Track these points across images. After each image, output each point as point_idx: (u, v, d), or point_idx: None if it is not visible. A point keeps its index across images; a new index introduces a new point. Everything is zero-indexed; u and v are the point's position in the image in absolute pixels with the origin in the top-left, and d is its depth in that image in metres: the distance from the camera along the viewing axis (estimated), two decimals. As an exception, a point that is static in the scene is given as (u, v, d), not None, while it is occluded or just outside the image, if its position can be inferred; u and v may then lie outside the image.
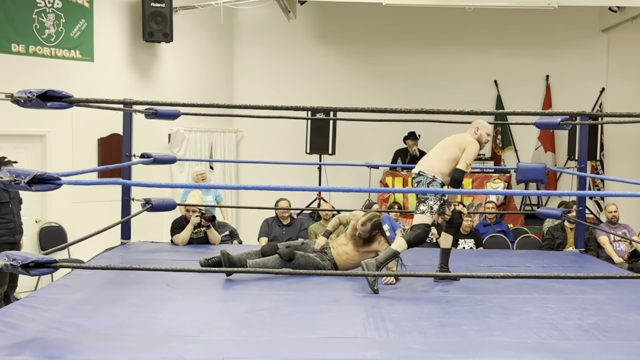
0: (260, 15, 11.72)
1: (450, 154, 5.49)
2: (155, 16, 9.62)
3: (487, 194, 9.92)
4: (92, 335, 3.95)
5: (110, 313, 4.42)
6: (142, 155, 6.72)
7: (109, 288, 5.13)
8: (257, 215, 9.12)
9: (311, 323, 4.30)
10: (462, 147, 5.49)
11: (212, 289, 5.16)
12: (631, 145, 11.81)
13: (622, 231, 8.56)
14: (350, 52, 12.03)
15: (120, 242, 7.06)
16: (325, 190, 4.83)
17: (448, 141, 5.61)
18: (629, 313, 4.65)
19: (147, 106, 6.48)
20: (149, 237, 7.76)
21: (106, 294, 4.96)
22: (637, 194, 4.74)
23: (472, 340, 4.04)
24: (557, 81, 11.93)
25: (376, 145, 11.66)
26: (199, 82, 11.01)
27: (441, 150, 5.61)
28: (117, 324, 4.20)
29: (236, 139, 11.85)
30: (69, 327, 4.06)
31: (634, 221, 10.48)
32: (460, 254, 7.52)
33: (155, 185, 4.38)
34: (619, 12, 10.81)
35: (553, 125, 6.74)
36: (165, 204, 6.95)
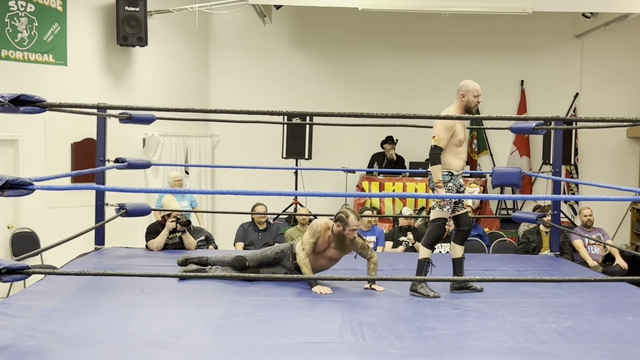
0: (235, 20, 11.68)
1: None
2: (130, 20, 9.55)
3: (463, 198, 9.93)
4: (66, 342, 3.91)
5: (83, 319, 4.37)
6: (116, 160, 6.66)
7: (83, 294, 5.07)
8: (233, 220, 9.07)
9: (288, 328, 4.28)
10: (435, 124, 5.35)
11: (188, 295, 5.12)
12: (605, 150, 11.93)
13: (596, 235, 8.63)
14: (326, 57, 12.03)
15: (94, 247, 7.00)
16: (301, 194, 4.80)
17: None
18: (603, 316, 4.69)
19: (121, 110, 6.42)
20: (124, 242, 7.69)
21: (80, 300, 4.90)
22: (610, 198, 4.77)
23: (448, 344, 4.05)
24: (531, 86, 12.01)
25: (353, 149, 11.67)
26: (174, 86, 10.95)
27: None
28: (91, 330, 4.16)
29: (212, 144, 11.80)
30: (42, 334, 4.01)
31: (608, 225, 10.58)
32: (436, 258, 7.52)
33: (129, 190, 4.36)
34: (592, 18, 10.91)
35: (528, 129, 6.79)
36: (140, 209, 6.88)
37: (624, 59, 11.91)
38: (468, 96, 5.30)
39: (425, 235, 5.40)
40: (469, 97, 5.30)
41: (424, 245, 5.36)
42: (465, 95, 5.31)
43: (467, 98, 5.31)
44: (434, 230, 5.35)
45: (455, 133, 5.27)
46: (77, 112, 6.41)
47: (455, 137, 5.29)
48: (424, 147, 11.12)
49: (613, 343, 4.12)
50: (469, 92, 5.31)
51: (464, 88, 5.33)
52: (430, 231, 5.36)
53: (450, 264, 5.54)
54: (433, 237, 5.35)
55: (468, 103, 5.31)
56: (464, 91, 5.32)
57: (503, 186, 9.71)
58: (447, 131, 5.23)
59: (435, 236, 5.35)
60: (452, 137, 5.27)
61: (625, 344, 4.10)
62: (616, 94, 11.85)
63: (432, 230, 5.35)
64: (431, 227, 5.37)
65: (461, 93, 5.33)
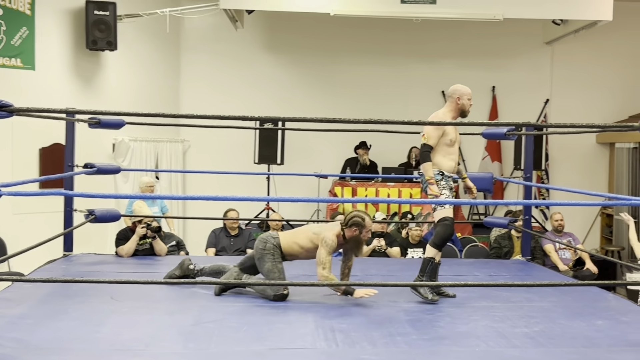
0: (207, 24, 11.63)
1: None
2: (99, 24, 9.47)
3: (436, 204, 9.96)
4: (33, 350, 3.84)
5: (52, 327, 4.30)
6: (86, 165, 6.58)
7: (51, 301, 4.99)
8: (205, 226, 9.00)
9: (259, 334, 4.25)
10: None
11: (158, 302, 5.06)
12: (575, 155, 12.05)
13: (566, 239, 8.70)
14: (298, 62, 12.02)
15: (62, 254, 6.90)
16: (274, 200, 4.79)
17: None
18: (574, 320, 4.72)
19: (90, 115, 6.34)
20: (93, 248, 7.59)
21: (48, 307, 4.82)
22: (581, 203, 4.81)
23: (421, 349, 4.04)
24: (503, 92, 12.11)
25: (325, 155, 11.66)
26: (144, 91, 10.86)
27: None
28: (59, 338, 4.09)
29: (183, 149, 11.71)
30: (9, 342, 3.93)
31: (578, 230, 10.70)
32: (409, 263, 7.55)
33: (98, 195, 4.29)
34: (562, 25, 11.02)
35: (499, 135, 6.83)
36: (109, 215, 6.80)
37: (593, 65, 12.05)
38: (463, 99, 5.36)
39: (434, 236, 5.32)
40: (463, 100, 5.37)
41: (432, 246, 5.28)
42: (461, 99, 5.36)
43: (462, 101, 5.36)
44: (442, 230, 5.26)
45: (445, 132, 5.29)
46: (45, 117, 6.35)
47: (445, 137, 5.30)
48: (397, 152, 11.38)
49: (583, 347, 4.14)
50: (463, 95, 5.37)
51: (458, 92, 5.38)
52: (438, 231, 5.28)
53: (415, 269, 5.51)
54: (442, 237, 5.27)
55: (463, 106, 5.37)
56: (459, 94, 5.37)
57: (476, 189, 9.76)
58: (437, 130, 5.25)
59: (443, 236, 5.27)
60: (443, 136, 5.29)
61: (595, 348, 4.12)
62: (586, 100, 11.99)
63: (440, 230, 5.27)
64: (439, 227, 5.28)
65: (456, 96, 5.36)
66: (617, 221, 11.39)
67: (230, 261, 7.23)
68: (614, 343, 4.21)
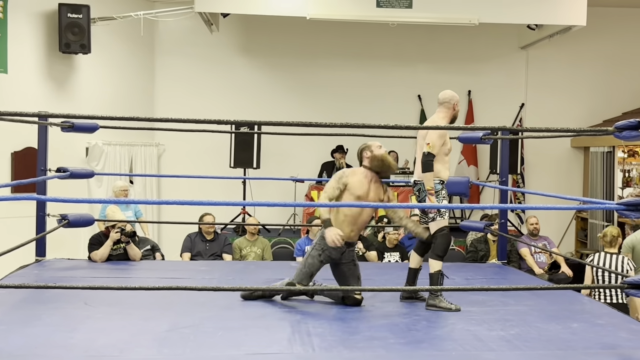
0: (181, 28, 11.56)
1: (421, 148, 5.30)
2: (72, 27, 9.38)
3: (412, 208, 9.99)
4: (6, 357, 3.78)
5: (24, 333, 4.23)
6: (58, 170, 6.48)
7: (23, 307, 4.92)
8: (180, 231, 8.94)
9: (236, 339, 4.21)
10: (425, 135, 5.29)
11: (133, 307, 4.99)
12: (550, 159, 12.13)
13: (542, 243, 8.75)
14: (274, 66, 11.99)
15: (35, 259, 6.81)
16: (249, 204, 4.75)
17: (419, 138, 5.40)
18: (549, 323, 4.73)
19: (63, 119, 6.26)
20: (66, 254, 7.51)
21: (20, 313, 4.75)
22: (556, 207, 4.83)
23: (398, 353, 4.03)
24: (478, 96, 12.16)
25: (301, 159, 11.64)
26: (118, 94, 10.77)
27: (419, 150, 5.41)
28: (32, 344, 4.03)
29: (157, 153, 11.63)
30: (-20, 350, 3.86)
31: (553, 233, 10.76)
32: (385, 267, 7.55)
33: (71, 200, 4.20)
34: (537, 30, 11.10)
35: (475, 139, 6.84)
36: (83, 219, 6.72)
37: (567, 70, 12.16)
38: (458, 106, 5.40)
39: (434, 247, 5.26)
40: (458, 107, 5.40)
41: (435, 258, 5.22)
42: (457, 105, 5.39)
43: (457, 108, 5.40)
44: (441, 240, 5.24)
45: (445, 142, 5.30)
46: (17, 121, 6.20)
47: (445, 146, 5.31)
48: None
49: (559, 349, 4.15)
50: (458, 101, 5.41)
51: (455, 98, 5.39)
52: (439, 242, 5.24)
53: (397, 272, 5.52)
54: (443, 247, 5.25)
55: (457, 113, 5.41)
56: (455, 101, 5.38)
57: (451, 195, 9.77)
58: (440, 138, 5.23)
59: (445, 246, 5.26)
60: (443, 145, 5.28)
61: (571, 350, 4.14)
62: (560, 104, 12.09)
63: (440, 241, 5.24)
64: (439, 238, 5.25)
65: (453, 103, 5.36)
66: (592, 224, 11.48)
67: (207, 265, 7.22)
68: (589, 346, 4.23)
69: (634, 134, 3.92)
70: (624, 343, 4.30)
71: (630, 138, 3.97)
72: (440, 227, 5.27)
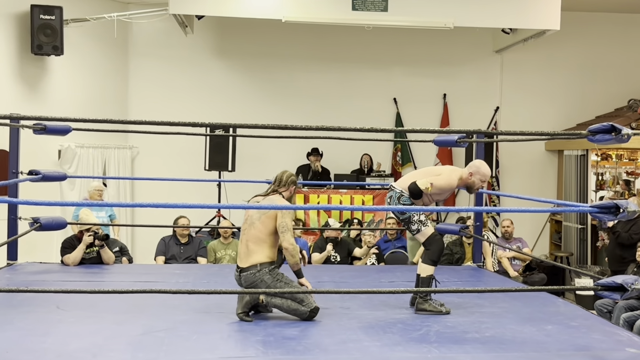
0: (156, 30, 11.48)
1: (426, 174, 5.39)
2: (45, 28, 9.27)
3: (388, 210, 10.01)
4: (-25, 363, 3.71)
5: (-6, 338, 4.17)
6: (30, 172, 6.40)
7: (-6, 312, 4.85)
8: (154, 234, 8.87)
9: (210, 343, 4.19)
10: (439, 172, 5.45)
11: (106, 311, 4.95)
12: (524, 162, 12.20)
13: (516, 245, 8.80)
14: (250, 68, 11.95)
15: (6, 263, 6.74)
16: (224, 207, 4.71)
17: (438, 168, 5.50)
18: (524, 325, 4.77)
19: (35, 121, 6.18)
20: (38, 257, 7.41)
21: (-10, 317, 4.68)
22: (530, 210, 4.86)
23: (373, 356, 4.03)
24: (453, 100, 12.20)
25: (277, 161, 11.55)
26: (91, 96, 10.67)
27: (424, 171, 5.52)
28: (4, 349, 3.98)
29: (131, 155, 11.53)
30: (-52, 355, 3.80)
31: (528, 235, 10.83)
32: (361, 270, 7.54)
33: (44, 203, 4.14)
34: (511, 34, 11.17)
35: (450, 142, 6.86)
36: (55, 222, 6.61)
37: (541, 73, 12.24)
38: (475, 177, 5.41)
39: (428, 253, 5.26)
40: (475, 178, 5.41)
41: (429, 263, 5.23)
42: (473, 175, 5.41)
43: (473, 178, 5.41)
44: (436, 247, 5.25)
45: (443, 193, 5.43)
46: (-13, 122, 6.16)
47: (440, 195, 5.47)
48: (349, 159, 11.38)
49: (533, 351, 4.18)
50: (477, 174, 5.41)
51: (476, 168, 5.43)
52: (433, 249, 5.25)
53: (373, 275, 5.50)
54: (437, 253, 5.26)
55: (472, 183, 5.44)
56: (474, 171, 5.42)
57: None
58: (445, 188, 5.38)
59: (439, 252, 5.28)
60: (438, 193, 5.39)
61: (545, 352, 4.17)
62: (535, 108, 12.16)
63: (435, 247, 5.25)
64: (432, 245, 5.26)
65: (470, 171, 5.42)
66: (566, 227, 11.57)
67: (181, 269, 7.16)
68: (563, 347, 4.26)
69: (607, 137, 3.96)
70: (597, 345, 4.33)
71: (603, 141, 4.00)
72: (432, 234, 5.30)
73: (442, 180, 5.33)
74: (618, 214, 3.69)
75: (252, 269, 4.88)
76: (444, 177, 5.35)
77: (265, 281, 4.87)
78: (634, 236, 8.53)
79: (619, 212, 3.68)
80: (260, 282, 4.87)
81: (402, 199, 5.33)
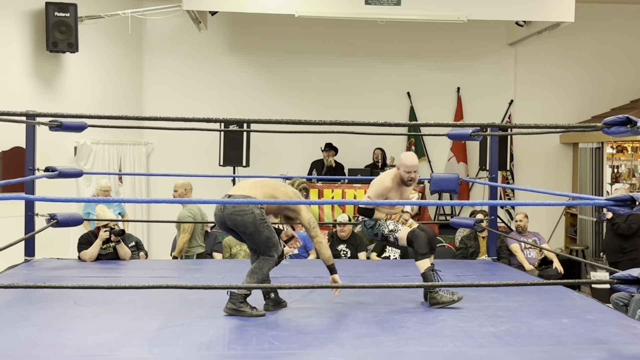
0: (169, 26, 11.52)
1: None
2: (60, 26, 9.32)
3: (402, 204, 10.00)
4: (-6, 358, 3.75)
5: (13, 333, 4.23)
6: (47, 169, 6.45)
7: (12, 307, 4.91)
8: (170, 229, 8.90)
9: (226, 338, 4.21)
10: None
11: (123, 307, 4.98)
12: (539, 156, 12.16)
13: (532, 239, 8.77)
14: (263, 64, 11.96)
15: (24, 259, 6.78)
16: (239, 202, 4.72)
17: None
18: (539, 319, 4.75)
19: (51, 118, 6.23)
20: (55, 253, 7.47)
21: (9, 313, 4.74)
22: (545, 203, 4.85)
23: (389, 350, 4.03)
24: (467, 93, 12.17)
25: (291, 156, 11.61)
26: (106, 93, 10.72)
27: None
28: (21, 344, 4.02)
29: (146, 152, 11.59)
30: (-32, 350, 3.84)
31: (543, 229, 10.79)
32: (377, 264, 7.55)
33: (60, 199, 4.18)
34: (525, 27, 11.12)
35: (464, 136, 6.86)
36: (72, 219, 6.70)
37: (556, 66, 12.18)
38: (400, 169, 5.37)
39: (416, 250, 5.28)
40: (400, 170, 5.37)
41: (421, 258, 5.24)
42: (400, 167, 5.38)
43: (400, 170, 5.38)
44: (417, 242, 5.25)
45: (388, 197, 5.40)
46: (5, 120, 6.18)
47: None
48: (363, 153, 11.37)
49: (549, 345, 4.17)
50: (400, 165, 5.38)
51: (400, 160, 5.42)
52: (416, 245, 5.26)
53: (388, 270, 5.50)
54: (423, 245, 5.25)
55: (402, 175, 5.39)
56: (398, 163, 5.42)
57: (441, 192, 9.79)
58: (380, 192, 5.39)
59: (422, 244, 5.25)
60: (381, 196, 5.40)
61: (561, 346, 4.15)
62: (549, 100, 12.11)
63: (417, 243, 5.25)
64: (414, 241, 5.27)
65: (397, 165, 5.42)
66: (581, 220, 11.52)
67: (197, 264, 7.20)
68: (580, 341, 4.25)
69: (622, 129, 3.93)
70: (613, 338, 4.32)
71: (618, 134, 3.98)
72: (409, 232, 5.33)
73: (375, 187, 5.41)
74: (634, 207, 3.67)
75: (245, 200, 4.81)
76: (375, 184, 5.43)
77: (254, 213, 4.82)
78: (632, 225, 8.53)
79: (634, 205, 3.65)
80: (248, 213, 4.82)
81: (366, 222, 5.43)
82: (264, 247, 4.94)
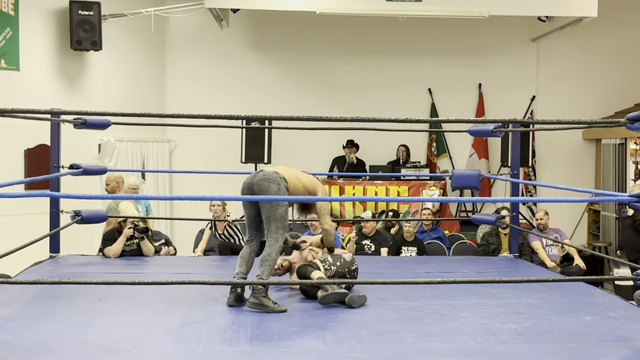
0: (192, 24, 11.58)
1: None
2: (84, 24, 9.40)
3: (423, 201, 10.00)
4: (20, 353, 3.82)
5: (38, 329, 4.28)
6: (71, 166, 6.54)
7: (37, 303, 4.97)
8: (192, 226, 8.96)
9: (248, 334, 4.24)
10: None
11: (146, 302, 5.03)
12: (562, 152, 12.08)
13: (554, 236, 8.72)
14: (284, 61, 11.99)
15: (49, 255, 6.86)
16: (261, 199, 4.76)
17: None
18: (561, 316, 4.73)
19: (75, 116, 6.30)
20: (80, 250, 7.54)
21: (34, 309, 4.80)
22: (567, 200, 4.82)
23: (409, 347, 4.04)
24: (489, 89, 12.12)
25: (312, 153, 11.63)
26: (129, 90, 10.80)
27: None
28: (46, 340, 4.07)
29: (169, 149, 11.66)
30: (-5, 345, 3.89)
31: (565, 225, 10.72)
32: (397, 261, 7.55)
33: (85, 196, 4.24)
34: (547, 22, 11.05)
35: (486, 132, 6.83)
36: (96, 215, 6.77)
37: (578, 61, 12.09)
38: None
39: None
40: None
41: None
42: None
43: None
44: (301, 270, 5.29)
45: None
46: (30, 118, 6.30)
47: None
48: (384, 150, 11.37)
49: (571, 342, 4.15)
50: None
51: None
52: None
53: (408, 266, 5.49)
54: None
55: None
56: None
57: (462, 189, 9.78)
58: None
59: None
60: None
61: (583, 343, 4.14)
62: (572, 96, 12.02)
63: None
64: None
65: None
66: (604, 217, 11.44)
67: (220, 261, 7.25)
68: (602, 338, 4.23)
69: (645, 125, 3.91)
70: (636, 335, 4.30)
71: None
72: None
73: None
74: (657, 204, 3.65)
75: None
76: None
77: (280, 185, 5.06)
78: None
79: (658, 202, 3.64)
80: (275, 183, 5.06)
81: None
82: (274, 224, 5.02)
